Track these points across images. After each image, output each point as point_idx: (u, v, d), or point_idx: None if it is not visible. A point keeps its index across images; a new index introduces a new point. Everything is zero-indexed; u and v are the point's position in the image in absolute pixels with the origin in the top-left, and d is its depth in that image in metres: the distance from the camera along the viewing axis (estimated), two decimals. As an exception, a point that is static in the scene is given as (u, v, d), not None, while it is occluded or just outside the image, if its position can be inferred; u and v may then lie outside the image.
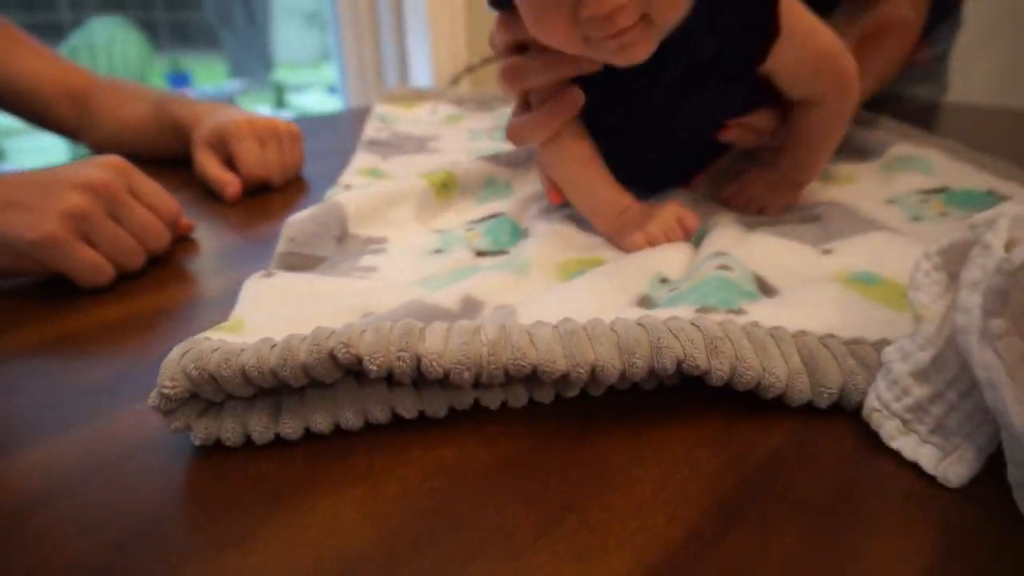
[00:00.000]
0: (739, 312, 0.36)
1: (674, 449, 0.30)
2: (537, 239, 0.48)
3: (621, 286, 0.41)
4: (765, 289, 0.41)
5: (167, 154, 0.76)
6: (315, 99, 3.77)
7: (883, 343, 0.34)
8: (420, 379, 0.32)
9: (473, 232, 0.53)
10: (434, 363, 0.30)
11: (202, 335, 0.33)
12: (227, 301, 0.40)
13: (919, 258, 0.30)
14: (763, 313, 0.36)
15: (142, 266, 0.51)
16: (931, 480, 0.28)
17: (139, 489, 0.29)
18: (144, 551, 0.26)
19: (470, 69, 1.61)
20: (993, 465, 0.27)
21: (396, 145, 0.83)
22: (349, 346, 0.30)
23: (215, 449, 0.32)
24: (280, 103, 3.65)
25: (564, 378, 0.31)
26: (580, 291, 0.39)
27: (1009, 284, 0.24)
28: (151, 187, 0.53)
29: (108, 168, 0.50)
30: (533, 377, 0.32)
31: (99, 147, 0.82)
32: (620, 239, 0.49)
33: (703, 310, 0.36)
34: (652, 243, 0.47)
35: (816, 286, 0.40)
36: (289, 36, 4.11)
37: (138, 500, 0.29)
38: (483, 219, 0.56)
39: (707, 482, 0.28)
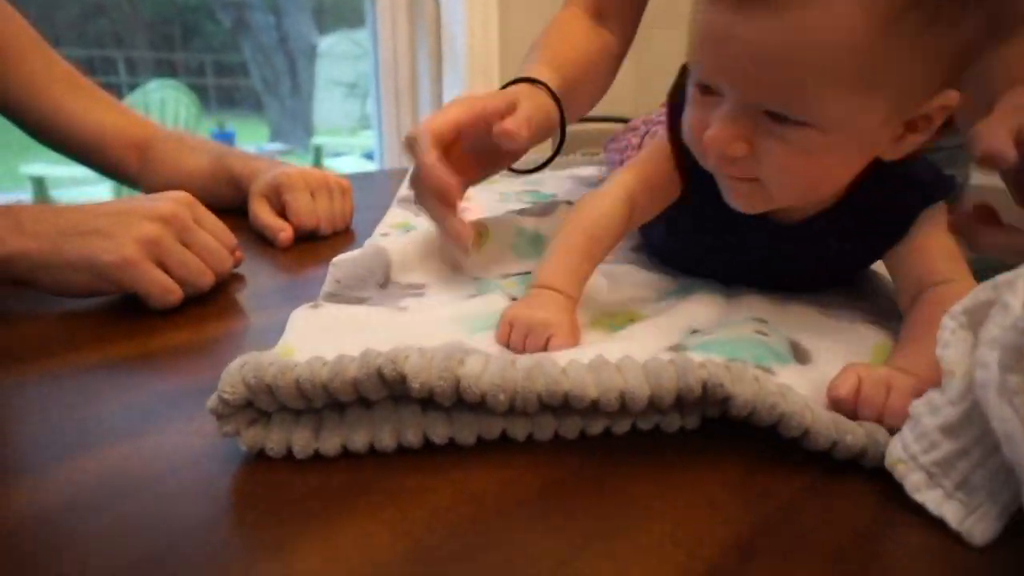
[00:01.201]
0: (768, 371, 0.38)
1: (695, 490, 0.32)
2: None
3: (655, 337, 0.43)
4: (799, 355, 0.42)
5: (222, 203, 0.80)
6: (351, 163, 3.90)
7: None
8: (454, 407, 0.34)
9: (510, 281, 0.56)
10: (472, 386, 0.32)
11: (258, 352, 0.35)
12: (277, 331, 0.42)
13: (945, 318, 0.31)
14: (791, 377, 0.37)
15: (210, 286, 0.55)
16: (944, 533, 0.29)
17: (189, 496, 0.31)
18: (192, 552, 0.27)
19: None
20: (1012, 524, 0.28)
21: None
22: (396, 363, 0.32)
23: (259, 462, 0.33)
24: (317, 166, 3.80)
25: (595, 407, 0.33)
26: (616, 343, 0.42)
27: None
28: (212, 219, 0.57)
29: (177, 201, 0.54)
30: (562, 410, 0.34)
31: None
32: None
33: (733, 362, 0.38)
34: (507, 340, 0.43)
35: (849, 355, 0.42)
36: (330, 104, 4.28)
37: (188, 506, 0.30)
38: (519, 273, 0.58)
39: (725, 521, 0.29)
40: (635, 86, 2.56)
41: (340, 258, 0.54)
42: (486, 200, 0.88)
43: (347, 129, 4.22)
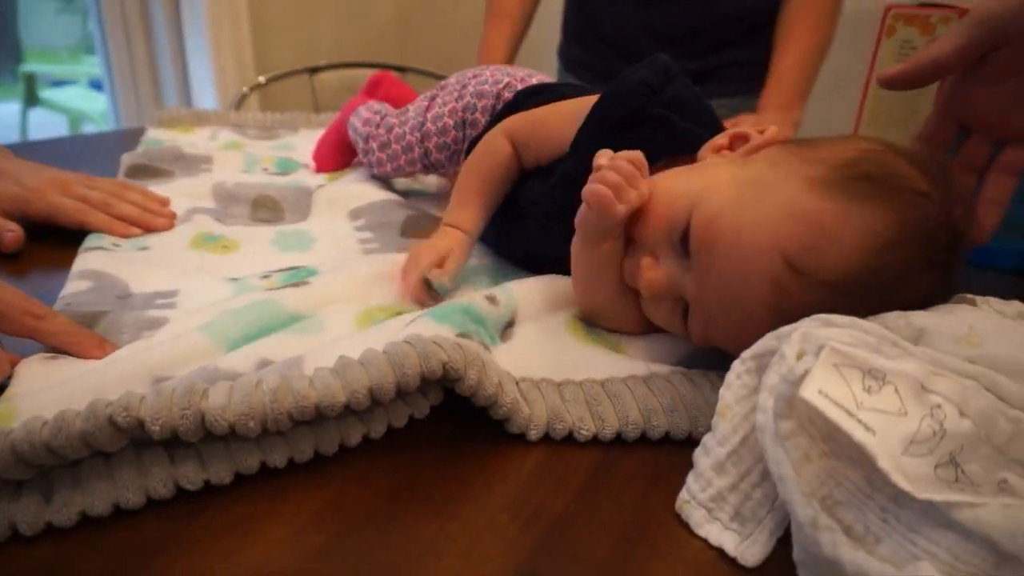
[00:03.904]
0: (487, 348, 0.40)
1: (477, 517, 0.32)
2: (339, 285, 0.49)
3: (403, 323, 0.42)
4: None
5: None
6: (77, 94, 3.32)
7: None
8: (203, 442, 0.32)
9: (269, 280, 0.52)
10: (218, 418, 0.30)
11: None
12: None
13: (735, 362, 0.33)
14: (504, 357, 0.41)
15: None
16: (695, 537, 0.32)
17: None
18: None
19: (254, 88, 1.53)
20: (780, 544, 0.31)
21: (157, 168, 0.77)
22: (129, 409, 0.29)
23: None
24: (33, 99, 3.19)
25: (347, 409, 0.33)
26: (367, 338, 0.40)
27: (792, 392, 0.28)
28: None
29: None
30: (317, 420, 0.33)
31: None
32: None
33: (463, 335, 0.39)
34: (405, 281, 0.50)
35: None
36: (40, 22, 3.61)
37: None
38: (283, 269, 0.54)
39: (507, 546, 0.31)
40: (398, 31, 2.48)
41: (65, 290, 0.48)
42: (230, 170, 0.81)
43: (66, 52, 3.60)
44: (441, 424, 0.38)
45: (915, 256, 0.37)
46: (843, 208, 0.36)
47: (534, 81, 0.67)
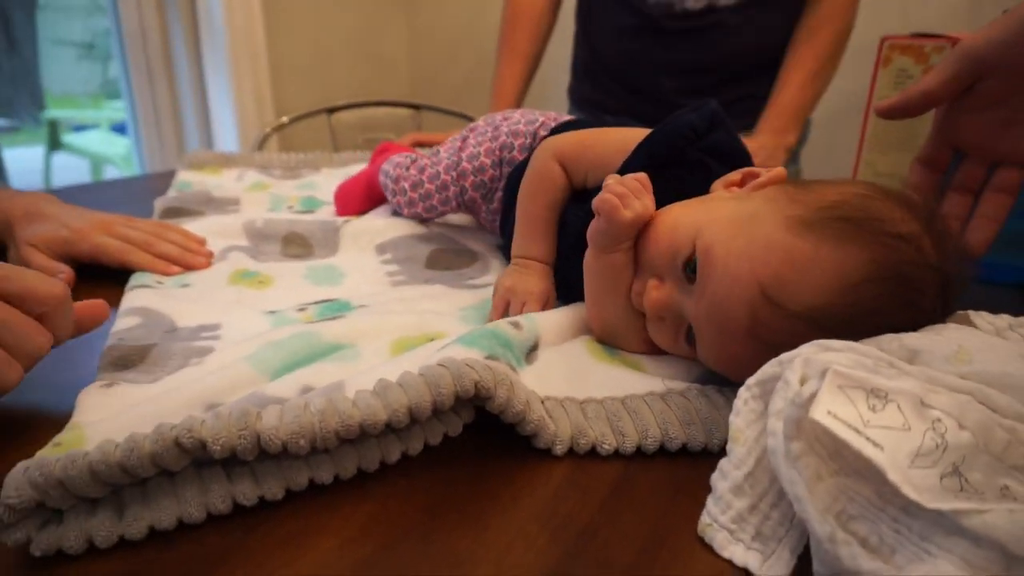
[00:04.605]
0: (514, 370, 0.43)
1: (508, 528, 0.35)
2: (373, 318, 0.51)
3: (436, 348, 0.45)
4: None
5: None
6: (99, 138, 3.41)
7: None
8: (256, 461, 0.35)
9: (306, 313, 0.55)
10: (273, 437, 0.33)
11: (44, 453, 0.33)
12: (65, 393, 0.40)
13: (741, 389, 0.36)
14: (530, 378, 0.44)
15: None
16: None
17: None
18: None
19: (277, 128, 1.58)
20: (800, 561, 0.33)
21: (189, 210, 0.81)
22: (192, 431, 0.32)
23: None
24: (56, 144, 3.28)
25: (388, 427, 0.36)
26: (402, 363, 0.43)
27: (801, 414, 0.30)
28: None
29: None
30: (360, 439, 0.36)
31: None
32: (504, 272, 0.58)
33: (491, 358, 0.42)
34: (505, 305, 0.54)
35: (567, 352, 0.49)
36: (61, 68, 3.72)
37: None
38: (317, 302, 0.58)
39: (537, 555, 0.33)
40: (409, 69, 2.54)
41: (116, 327, 0.51)
42: (257, 209, 0.84)
43: (87, 97, 3.70)
44: (472, 441, 0.41)
45: (890, 294, 0.39)
46: (815, 246, 0.40)
47: (566, 119, 0.70)
